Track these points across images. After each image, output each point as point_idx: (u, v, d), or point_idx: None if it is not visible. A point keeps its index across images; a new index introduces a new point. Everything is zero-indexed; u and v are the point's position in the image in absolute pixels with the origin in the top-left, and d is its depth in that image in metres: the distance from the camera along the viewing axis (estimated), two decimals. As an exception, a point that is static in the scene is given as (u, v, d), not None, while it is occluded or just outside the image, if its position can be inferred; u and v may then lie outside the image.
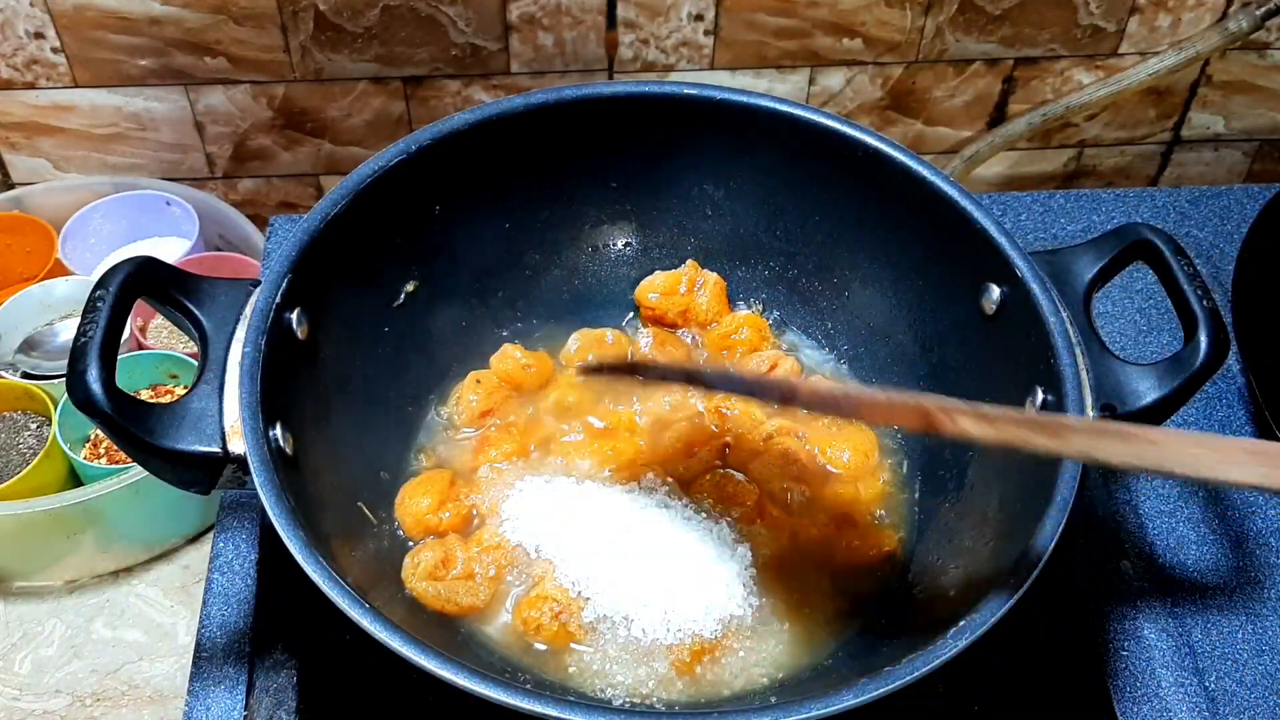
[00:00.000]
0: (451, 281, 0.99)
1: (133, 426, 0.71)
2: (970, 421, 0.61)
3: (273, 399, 0.76)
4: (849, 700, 0.66)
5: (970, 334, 0.92)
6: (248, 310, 0.78)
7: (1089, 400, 0.80)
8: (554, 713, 0.65)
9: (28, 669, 1.16)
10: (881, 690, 0.67)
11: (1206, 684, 0.93)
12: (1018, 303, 0.86)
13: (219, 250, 1.41)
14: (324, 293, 0.85)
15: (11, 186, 1.44)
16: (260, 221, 1.44)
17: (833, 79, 1.41)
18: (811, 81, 1.41)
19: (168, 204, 1.40)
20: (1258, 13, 1.31)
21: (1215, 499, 1.05)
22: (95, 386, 0.70)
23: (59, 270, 1.35)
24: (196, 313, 0.78)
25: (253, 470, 0.72)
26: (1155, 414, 0.81)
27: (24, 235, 1.38)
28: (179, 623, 1.20)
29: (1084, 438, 0.58)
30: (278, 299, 0.79)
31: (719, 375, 0.86)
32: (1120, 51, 1.40)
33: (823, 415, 0.95)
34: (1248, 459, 0.50)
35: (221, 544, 0.99)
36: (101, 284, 0.74)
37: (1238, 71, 1.46)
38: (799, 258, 1.04)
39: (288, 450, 0.77)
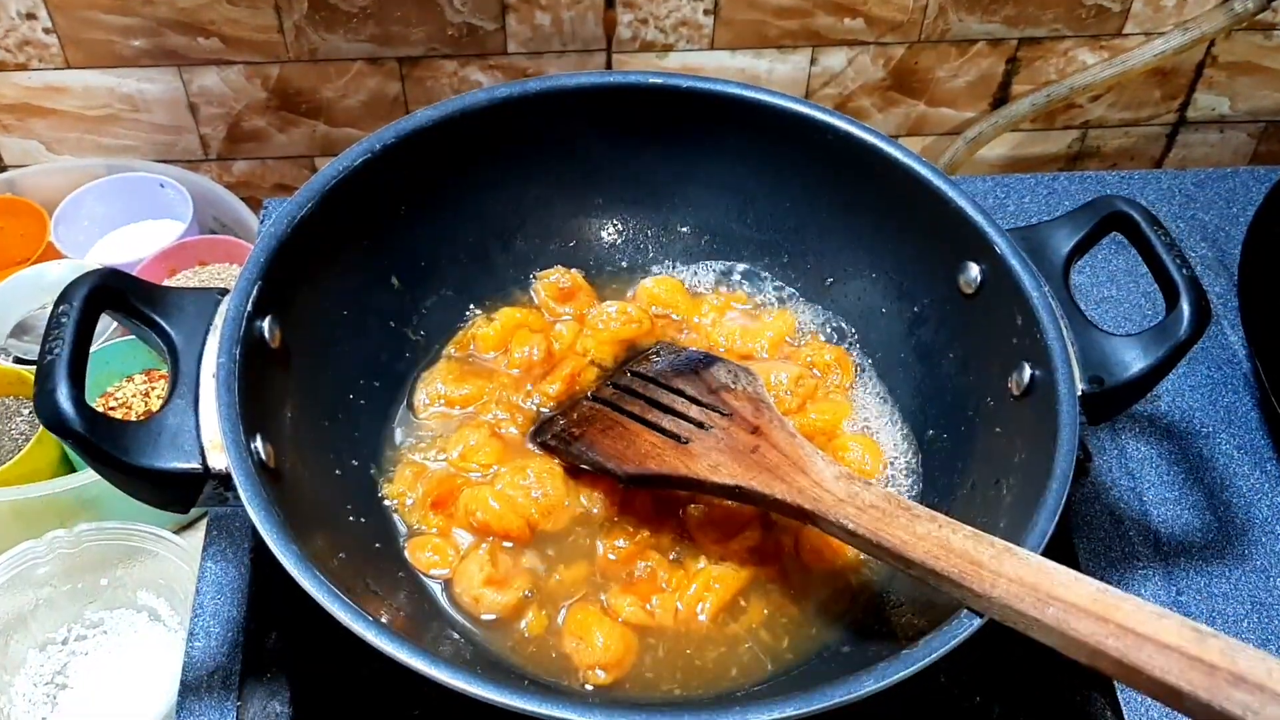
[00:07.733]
0: (421, 280, 0.98)
1: (107, 446, 0.69)
2: None
3: (251, 410, 0.74)
4: (870, 685, 0.65)
5: (952, 314, 0.92)
6: (218, 320, 0.76)
7: (1078, 374, 0.80)
8: (557, 713, 0.64)
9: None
10: (907, 670, 0.66)
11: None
12: (998, 280, 0.85)
13: (213, 233, 1.40)
14: (294, 298, 0.83)
15: (4, 169, 1.44)
16: (255, 204, 1.44)
17: (834, 59, 1.39)
18: (813, 61, 1.39)
19: (161, 186, 1.39)
20: (1264, -7, 1.30)
21: (1222, 485, 1.04)
22: (66, 405, 0.67)
23: (52, 253, 1.34)
24: (165, 326, 0.75)
25: (239, 486, 0.70)
26: (1144, 383, 0.80)
27: (16, 218, 1.37)
28: (172, 611, 1.20)
29: None
30: (249, 307, 0.77)
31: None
32: (1125, 32, 1.39)
33: None
34: None
35: (215, 531, 0.99)
36: (64, 299, 0.71)
37: (1243, 52, 1.44)
38: (770, 246, 1.04)
39: (269, 462, 0.75)
